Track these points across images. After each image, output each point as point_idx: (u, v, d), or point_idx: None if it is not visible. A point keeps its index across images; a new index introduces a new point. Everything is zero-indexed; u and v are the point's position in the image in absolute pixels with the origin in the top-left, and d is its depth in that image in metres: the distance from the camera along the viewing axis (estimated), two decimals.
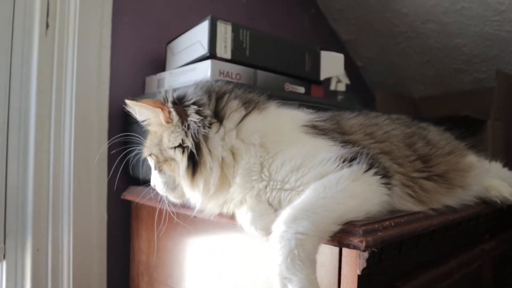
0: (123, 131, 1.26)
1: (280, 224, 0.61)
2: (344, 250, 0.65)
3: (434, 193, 0.81)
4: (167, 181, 0.80)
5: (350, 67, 1.49)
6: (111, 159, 1.23)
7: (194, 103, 0.76)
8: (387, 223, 0.67)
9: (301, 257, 0.57)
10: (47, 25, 1.16)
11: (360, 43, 2.08)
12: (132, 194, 1.16)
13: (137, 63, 1.34)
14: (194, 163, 0.74)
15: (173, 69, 1.22)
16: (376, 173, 0.69)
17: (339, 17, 2.01)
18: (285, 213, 0.62)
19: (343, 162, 0.70)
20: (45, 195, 1.12)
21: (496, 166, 1.13)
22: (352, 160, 0.70)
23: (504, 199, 0.97)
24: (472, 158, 0.99)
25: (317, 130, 0.78)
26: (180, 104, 0.76)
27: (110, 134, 1.23)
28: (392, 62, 2.07)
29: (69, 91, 1.16)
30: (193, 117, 0.74)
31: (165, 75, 1.24)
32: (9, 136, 1.11)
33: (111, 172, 1.20)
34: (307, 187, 0.68)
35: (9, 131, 1.11)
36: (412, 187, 0.78)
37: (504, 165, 1.15)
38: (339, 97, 1.70)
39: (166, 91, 0.79)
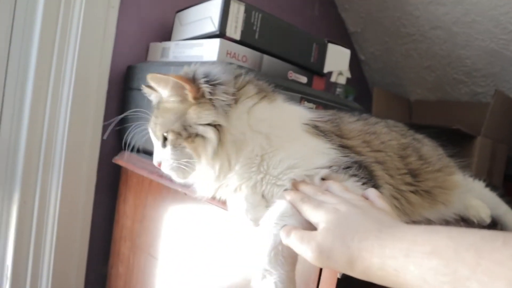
0: (121, 95, 1.26)
1: (269, 218, 0.64)
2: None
3: (418, 207, 0.84)
4: (179, 158, 0.77)
5: (352, 59, 1.50)
6: (106, 121, 1.23)
7: (221, 83, 0.75)
8: None
9: (284, 254, 0.60)
10: None
11: (366, 37, 2.08)
12: (124, 160, 1.17)
13: (143, 27, 1.32)
14: None
15: (179, 40, 1.21)
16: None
17: (350, 8, 1.99)
18: (276, 208, 0.65)
19: (337, 169, 0.72)
20: (37, 150, 1.12)
21: (479, 186, 1.17)
22: (346, 168, 0.73)
23: (481, 219, 1.03)
24: (458, 177, 1.02)
25: (318, 130, 0.79)
26: (209, 82, 0.76)
27: (109, 97, 1.23)
28: (394, 62, 2.08)
29: (72, 48, 1.14)
30: (222, 97, 0.74)
31: (170, 45, 1.22)
32: (6, 84, 1.10)
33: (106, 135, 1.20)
34: None
35: (6, 80, 1.10)
36: (399, 200, 0.80)
37: (486, 185, 1.19)
38: (338, 90, 1.71)
39: (194, 68, 0.78)
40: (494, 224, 1.10)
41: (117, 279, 1.20)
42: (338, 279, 0.66)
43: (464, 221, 1.00)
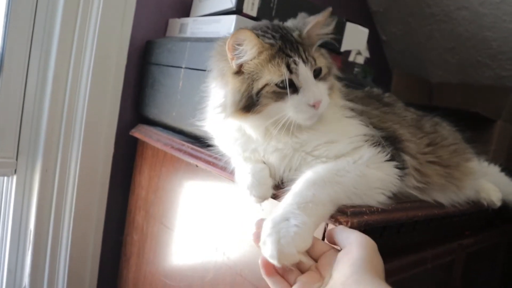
0: (140, 70, 1.29)
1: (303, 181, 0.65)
2: (330, 225, 0.70)
3: (433, 178, 0.84)
4: None
5: (373, 39, 1.47)
6: (124, 95, 1.26)
7: None
8: (374, 208, 0.71)
9: (315, 203, 0.61)
10: None
11: (388, 17, 2.04)
12: (140, 132, 1.21)
13: (162, 3, 1.33)
14: None
15: (197, 16, 1.22)
16: (396, 166, 0.73)
17: None
18: (310, 174, 0.66)
19: (369, 143, 0.74)
20: (58, 120, 1.16)
21: (494, 170, 1.16)
22: (376, 143, 0.74)
23: (491, 203, 1.02)
24: (474, 164, 1.00)
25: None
26: None
27: (127, 71, 1.25)
28: (417, 43, 2.04)
29: (93, 22, 1.16)
30: None
31: (188, 21, 1.24)
32: (30, 57, 1.14)
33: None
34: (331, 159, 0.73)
35: (31, 52, 1.14)
36: (419, 160, 0.81)
37: (502, 170, 1.18)
38: (356, 69, 1.69)
39: None
40: (506, 208, 1.09)
41: (131, 246, 1.25)
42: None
43: (473, 204, 1.00)
